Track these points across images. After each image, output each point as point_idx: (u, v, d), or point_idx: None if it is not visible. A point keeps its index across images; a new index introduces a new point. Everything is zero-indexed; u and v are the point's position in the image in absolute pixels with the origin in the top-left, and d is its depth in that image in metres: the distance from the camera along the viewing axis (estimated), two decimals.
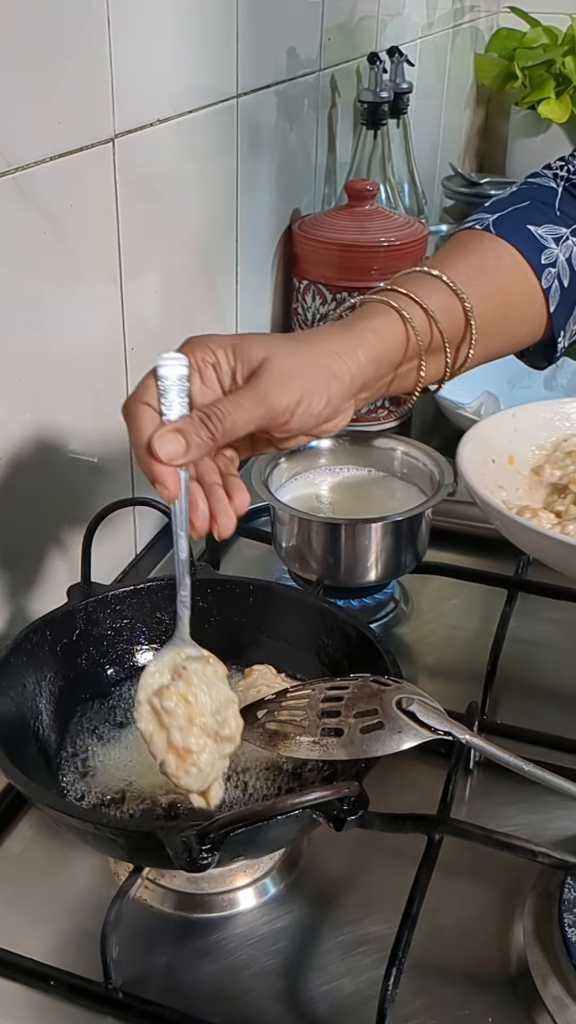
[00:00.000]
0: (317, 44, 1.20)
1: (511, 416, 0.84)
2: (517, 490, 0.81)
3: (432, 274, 0.70)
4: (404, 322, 0.67)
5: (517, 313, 0.75)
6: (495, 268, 0.73)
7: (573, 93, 1.93)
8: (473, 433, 0.79)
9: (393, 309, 0.67)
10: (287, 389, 0.59)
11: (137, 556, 0.95)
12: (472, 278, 0.71)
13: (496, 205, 0.77)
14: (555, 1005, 0.55)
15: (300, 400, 0.60)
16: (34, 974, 0.58)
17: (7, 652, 0.65)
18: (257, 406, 0.58)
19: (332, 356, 0.62)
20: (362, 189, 1.15)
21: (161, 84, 0.85)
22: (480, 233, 0.75)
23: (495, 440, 0.81)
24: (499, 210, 0.76)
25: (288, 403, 0.59)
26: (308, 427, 0.62)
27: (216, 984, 0.58)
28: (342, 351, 0.63)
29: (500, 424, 0.83)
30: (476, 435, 0.79)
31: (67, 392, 0.79)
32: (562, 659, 0.85)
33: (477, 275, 0.72)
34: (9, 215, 0.68)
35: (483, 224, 0.75)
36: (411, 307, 0.67)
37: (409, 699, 0.56)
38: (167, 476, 0.56)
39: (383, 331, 0.66)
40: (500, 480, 0.79)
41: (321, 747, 0.56)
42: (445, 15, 1.81)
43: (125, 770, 0.65)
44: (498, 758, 0.57)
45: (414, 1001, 0.57)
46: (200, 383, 0.59)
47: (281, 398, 0.59)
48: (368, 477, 0.92)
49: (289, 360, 0.60)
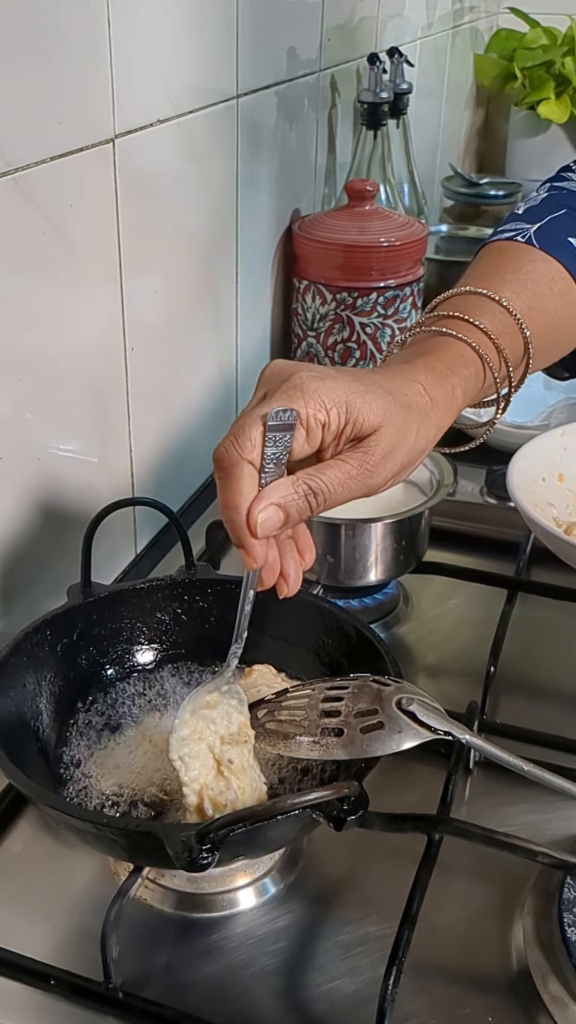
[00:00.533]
0: (317, 44, 1.20)
1: (560, 435, 0.87)
2: (567, 507, 0.85)
3: (495, 299, 0.66)
4: (485, 371, 0.64)
5: (564, 335, 0.72)
6: (549, 294, 0.70)
7: (573, 94, 1.93)
8: (523, 452, 0.83)
9: (478, 357, 0.63)
10: (391, 467, 0.57)
11: (137, 556, 0.95)
12: (532, 307, 0.67)
13: (531, 214, 0.73)
14: (555, 1005, 0.55)
15: (397, 475, 0.58)
16: (34, 974, 0.58)
17: (7, 652, 0.65)
18: (362, 487, 0.56)
19: (432, 426, 0.60)
20: (362, 189, 1.16)
21: (161, 84, 0.85)
22: (525, 248, 0.71)
23: (545, 459, 0.85)
24: (536, 220, 0.72)
25: (387, 479, 0.57)
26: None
27: (216, 984, 0.58)
28: (440, 420, 0.60)
29: (549, 443, 0.86)
30: (526, 454, 0.83)
31: (67, 392, 0.79)
32: (562, 659, 0.85)
33: (535, 303, 0.68)
34: (9, 215, 0.68)
35: (524, 236, 0.71)
36: (490, 350, 0.64)
37: (409, 699, 0.56)
38: (256, 549, 0.54)
39: (470, 386, 0.63)
40: (550, 498, 0.83)
41: (321, 747, 0.56)
42: (445, 16, 1.81)
43: (125, 770, 0.65)
44: (498, 758, 0.57)
45: (414, 1001, 0.57)
46: (304, 439, 0.55)
47: (385, 476, 0.57)
48: None
49: (398, 434, 0.57)
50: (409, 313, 1.17)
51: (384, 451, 0.56)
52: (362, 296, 1.13)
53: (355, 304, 1.14)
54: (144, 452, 0.92)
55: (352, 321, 1.15)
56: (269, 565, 0.57)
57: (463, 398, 0.62)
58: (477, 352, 0.63)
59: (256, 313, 1.16)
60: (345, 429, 0.55)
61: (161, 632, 0.74)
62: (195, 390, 1.02)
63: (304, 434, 0.54)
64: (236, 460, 0.53)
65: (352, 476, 0.55)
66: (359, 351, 1.16)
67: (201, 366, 1.03)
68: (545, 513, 0.80)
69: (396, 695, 0.57)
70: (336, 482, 0.55)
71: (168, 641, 0.75)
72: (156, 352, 0.92)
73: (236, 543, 0.55)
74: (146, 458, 0.93)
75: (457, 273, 0.72)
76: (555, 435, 0.87)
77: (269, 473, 0.54)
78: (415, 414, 0.58)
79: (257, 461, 0.53)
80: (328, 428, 0.55)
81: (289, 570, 0.58)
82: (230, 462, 0.53)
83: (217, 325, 1.05)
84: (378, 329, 1.15)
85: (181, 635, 0.75)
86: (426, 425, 0.59)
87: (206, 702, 0.60)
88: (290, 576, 0.58)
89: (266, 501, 0.53)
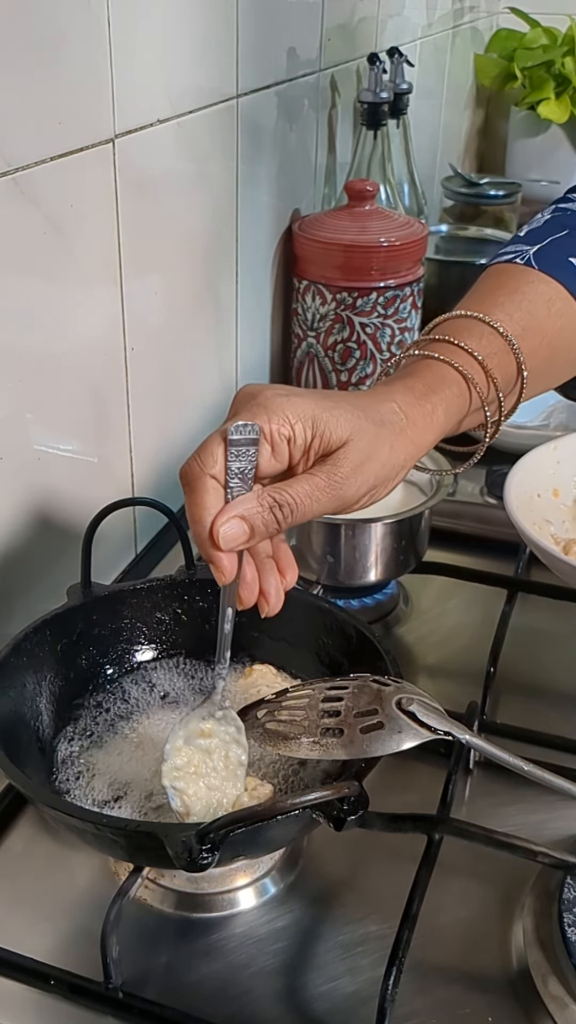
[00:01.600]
0: (317, 44, 1.20)
1: (552, 449, 0.85)
2: (564, 523, 0.83)
3: (486, 321, 0.65)
4: (470, 391, 0.63)
5: (563, 355, 0.71)
6: (546, 315, 0.69)
7: (573, 94, 1.93)
8: (518, 468, 0.81)
9: (462, 377, 0.63)
10: (363, 481, 0.57)
11: (137, 556, 0.95)
12: (524, 328, 0.67)
13: (532, 236, 0.73)
14: (555, 1005, 0.55)
15: (373, 489, 0.58)
16: (34, 974, 0.58)
17: (7, 652, 0.65)
18: (332, 500, 0.56)
19: (408, 442, 0.59)
20: (362, 189, 1.15)
21: (161, 84, 0.85)
22: (523, 269, 0.70)
23: (539, 474, 0.83)
24: (537, 241, 0.72)
25: (361, 493, 0.57)
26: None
27: (216, 984, 0.58)
28: (417, 437, 0.60)
29: (542, 458, 0.85)
30: (521, 469, 0.81)
31: (67, 392, 0.79)
32: (562, 659, 0.85)
33: (528, 324, 0.67)
34: (9, 215, 0.68)
35: (523, 258, 0.71)
36: (475, 371, 0.64)
37: (409, 699, 0.56)
38: (223, 562, 0.54)
39: (452, 405, 0.62)
40: (547, 514, 0.81)
41: (321, 747, 0.56)
42: (445, 15, 1.80)
43: (125, 770, 0.65)
44: (498, 758, 0.57)
45: (414, 1001, 0.57)
46: (270, 455, 0.55)
47: (357, 490, 0.57)
48: None
49: (369, 447, 0.56)
50: (409, 313, 1.17)
51: (353, 464, 0.56)
52: (362, 296, 1.13)
53: (355, 304, 1.14)
54: (144, 452, 0.92)
55: (352, 321, 1.15)
56: (248, 583, 0.57)
57: (445, 416, 0.62)
58: (460, 372, 0.63)
59: (256, 313, 1.16)
60: (313, 443, 0.55)
61: (161, 632, 0.74)
62: (195, 390, 1.02)
63: (269, 449, 0.55)
64: (199, 475, 0.54)
65: (320, 488, 0.55)
66: (359, 351, 1.16)
67: (201, 366, 1.03)
68: (543, 531, 0.78)
69: (396, 695, 0.57)
70: (303, 494, 0.55)
71: (168, 641, 0.75)
72: (156, 352, 0.92)
73: (204, 558, 0.55)
74: (146, 458, 0.93)
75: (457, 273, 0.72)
76: (548, 449, 0.85)
77: (235, 488, 0.54)
78: (388, 430, 0.58)
79: (220, 476, 0.54)
80: (294, 443, 0.55)
81: (269, 589, 0.58)
82: (193, 476, 0.54)
83: (217, 325, 1.05)
84: (378, 329, 1.15)
85: (181, 635, 0.75)
86: (401, 441, 0.59)
87: (200, 730, 0.59)
88: (270, 595, 0.58)
89: (229, 514, 0.54)
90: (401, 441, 0.59)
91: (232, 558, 0.54)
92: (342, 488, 0.56)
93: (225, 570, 0.55)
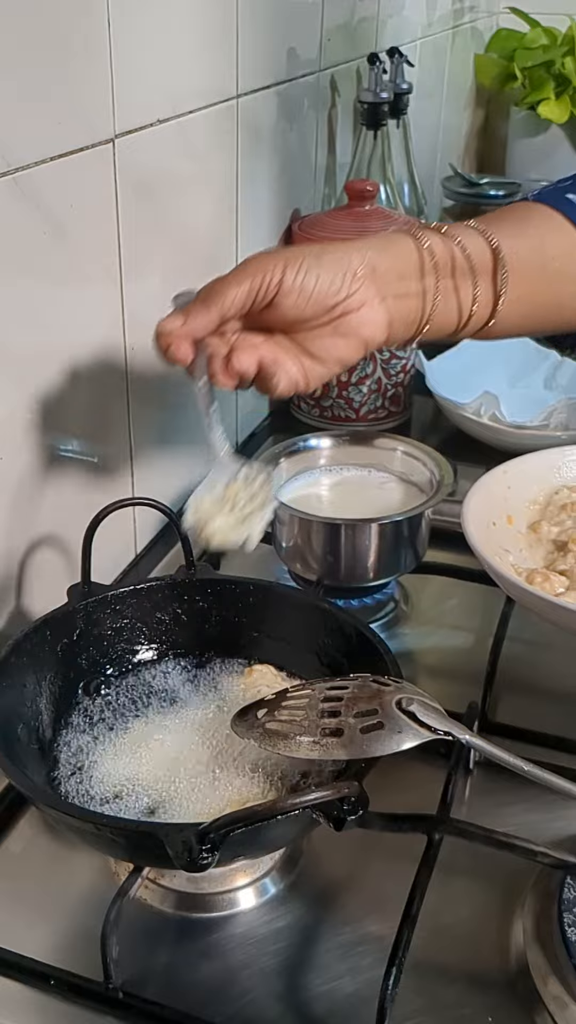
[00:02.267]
0: (317, 44, 1.20)
1: (503, 473, 0.83)
2: (521, 551, 0.80)
3: (468, 225, 0.70)
4: (413, 237, 0.68)
5: (557, 262, 0.72)
6: (525, 219, 0.72)
7: (573, 94, 1.93)
8: (472, 495, 0.78)
9: (413, 239, 0.68)
10: (269, 259, 0.64)
11: (137, 556, 0.95)
12: (498, 218, 0.72)
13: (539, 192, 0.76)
14: (555, 1005, 0.55)
15: (283, 266, 0.63)
16: (34, 974, 0.58)
17: (7, 652, 0.65)
18: (239, 272, 0.64)
19: (354, 252, 0.66)
20: (362, 189, 1.15)
21: (161, 84, 0.85)
22: (523, 203, 0.74)
23: (492, 500, 0.80)
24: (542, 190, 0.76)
25: (270, 268, 0.63)
26: (313, 307, 0.64)
27: (216, 984, 0.58)
28: (369, 253, 0.66)
29: (494, 483, 0.82)
30: (475, 495, 0.78)
31: (67, 392, 0.79)
32: (562, 659, 0.85)
33: (504, 216, 0.72)
34: (9, 215, 0.68)
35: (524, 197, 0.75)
36: (423, 231, 0.68)
37: (409, 699, 0.56)
38: (175, 345, 0.64)
39: (390, 237, 0.68)
40: (504, 543, 0.78)
41: (321, 747, 0.56)
42: (445, 15, 1.80)
43: (125, 770, 0.65)
44: (498, 758, 0.57)
45: (414, 1001, 0.57)
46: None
47: (262, 263, 0.63)
48: (368, 477, 0.92)
49: (304, 259, 0.64)
50: None
51: (261, 255, 0.64)
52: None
53: None
54: (144, 452, 0.92)
55: None
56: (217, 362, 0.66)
57: (379, 239, 0.68)
58: (414, 236, 0.68)
59: None
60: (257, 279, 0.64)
61: (161, 632, 0.74)
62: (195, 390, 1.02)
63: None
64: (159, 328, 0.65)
65: (246, 292, 0.63)
66: None
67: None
68: (503, 561, 0.74)
69: (396, 695, 0.57)
70: (230, 291, 0.63)
71: (168, 641, 0.75)
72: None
73: (167, 359, 0.66)
74: (146, 458, 0.93)
75: None
76: (498, 473, 0.82)
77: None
78: (326, 248, 0.66)
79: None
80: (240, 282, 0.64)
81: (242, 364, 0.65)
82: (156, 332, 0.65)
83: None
84: None
85: (181, 635, 0.75)
86: (345, 250, 0.66)
87: (225, 496, 0.65)
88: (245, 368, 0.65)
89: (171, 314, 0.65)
90: (344, 250, 0.66)
91: (178, 339, 0.64)
92: (248, 264, 0.64)
93: (178, 351, 0.64)
